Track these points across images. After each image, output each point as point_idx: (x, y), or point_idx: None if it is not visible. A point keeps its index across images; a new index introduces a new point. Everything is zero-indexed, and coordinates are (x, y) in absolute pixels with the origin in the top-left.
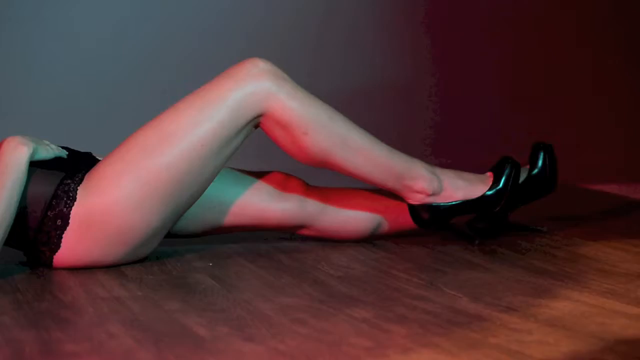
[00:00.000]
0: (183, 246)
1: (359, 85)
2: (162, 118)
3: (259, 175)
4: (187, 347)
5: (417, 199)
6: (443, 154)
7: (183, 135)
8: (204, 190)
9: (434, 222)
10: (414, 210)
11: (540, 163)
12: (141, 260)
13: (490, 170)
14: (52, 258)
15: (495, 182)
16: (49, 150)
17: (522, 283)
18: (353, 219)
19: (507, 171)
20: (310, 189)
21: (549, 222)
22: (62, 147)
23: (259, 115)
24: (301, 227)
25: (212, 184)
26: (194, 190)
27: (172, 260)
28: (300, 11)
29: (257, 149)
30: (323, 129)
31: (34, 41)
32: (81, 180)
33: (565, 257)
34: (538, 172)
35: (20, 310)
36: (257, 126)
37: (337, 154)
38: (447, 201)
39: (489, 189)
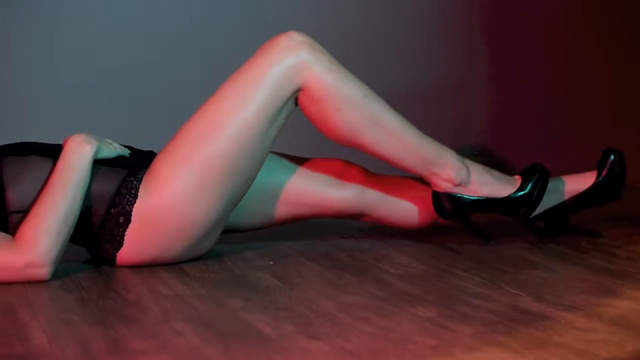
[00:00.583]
0: (243, 244)
1: (414, 84)
2: (206, 108)
3: (318, 162)
4: (253, 345)
5: (442, 187)
6: (498, 153)
7: (228, 122)
8: (257, 174)
9: (454, 213)
10: (438, 198)
11: (608, 170)
12: (202, 259)
13: (520, 174)
14: (115, 255)
15: (522, 186)
16: (112, 149)
17: (584, 282)
18: (412, 210)
19: (535, 178)
20: (370, 178)
21: (610, 221)
22: (124, 146)
23: (298, 90)
24: (360, 215)
25: (269, 173)
26: (248, 176)
27: (233, 258)
28: (356, 10)
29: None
30: (356, 107)
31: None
32: (142, 178)
33: (626, 256)
34: (605, 179)
35: (85, 307)
36: (297, 103)
37: (368, 133)
38: (472, 195)
39: (515, 192)
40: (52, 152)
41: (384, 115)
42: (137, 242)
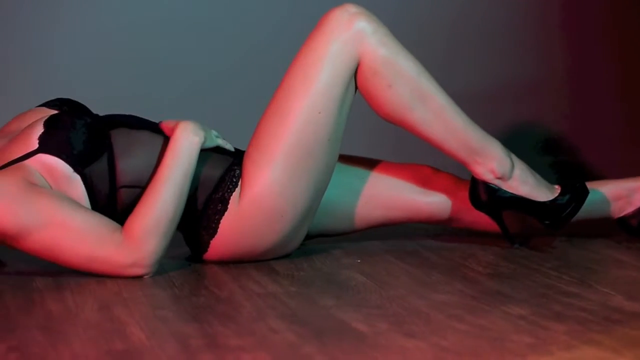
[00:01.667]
0: (329, 243)
1: (491, 83)
2: (275, 99)
3: (407, 168)
4: (350, 343)
5: (483, 177)
6: (575, 151)
7: (298, 109)
8: (337, 157)
9: (489, 205)
10: (475, 186)
11: None
12: (290, 257)
13: (560, 184)
14: (209, 243)
15: (560, 197)
16: (213, 139)
17: None
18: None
19: (574, 193)
20: (459, 184)
21: None
22: None
23: (357, 64)
24: (450, 221)
25: (361, 178)
26: (328, 159)
27: (320, 257)
28: (432, 9)
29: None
30: (408, 84)
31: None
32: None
33: None
34: None
35: (179, 304)
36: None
37: (416, 113)
38: (511, 191)
39: (552, 200)
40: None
41: (434, 95)
42: (230, 232)
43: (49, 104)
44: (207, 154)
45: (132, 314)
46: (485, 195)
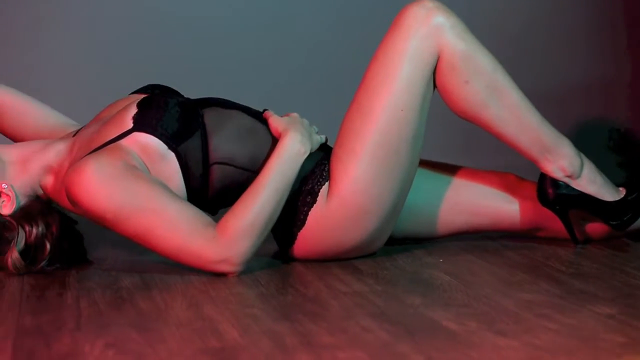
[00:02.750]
0: (409, 243)
1: (561, 82)
2: (357, 97)
3: (492, 175)
4: (442, 341)
5: (552, 174)
6: None
7: (381, 108)
8: (420, 154)
9: (556, 202)
10: (543, 183)
11: None
12: (372, 256)
13: (624, 186)
14: (297, 235)
15: (626, 197)
16: (316, 141)
17: None
18: (590, 223)
19: (638, 196)
20: None
21: None
22: None
23: (437, 59)
24: (537, 229)
25: (447, 184)
26: (412, 156)
27: (402, 256)
28: (502, 10)
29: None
30: (484, 80)
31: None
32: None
33: None
34: None
35: (267, 303)
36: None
37: (491, 110)
38: (579, 189)
39: (618, 200)
40: (257, 115)
41: (509, 91)
42: (317, 226)
43: (139, 91)
44: None
45: (222, 312)
46: (553, 192)
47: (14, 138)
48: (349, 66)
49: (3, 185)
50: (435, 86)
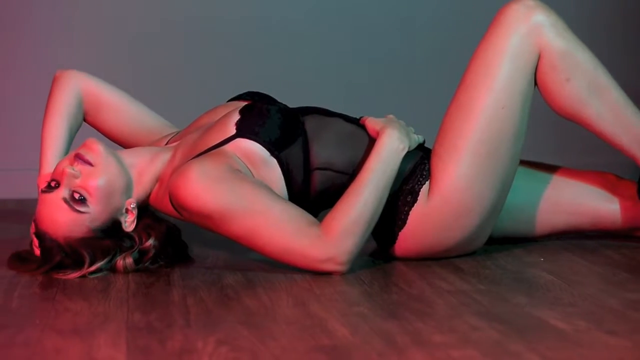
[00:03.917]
0: (509, 242)
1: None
2: (457, 95)
3: (593, 174)
4: (553, 340)
5: None
6: None
7: (481, 105)
8: (520, 152)
9: None
10: None
11: None
12: (472, 255)
13: None
14: (397, 234)
15: None
16: (414, 140)
17: None
18: None
19: None
20: None
21: None
22: None
23: (538, 57)
24: (636, 229)
25: (548, 183)
26: (513, 154)
27: (502, 255)
28: (594, 10)
29: None
30: (585, 78)
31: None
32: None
33: None
34: None
35: (372, 301)
36: None
37: (592, 107)
38: None
39: None
40: (355, 122)
41: (609, 90)
42: (418, 225)
43: (238, 98)
44: None
45: (329, 310)
46: None
47: (109, 135)
48: (445, 66)
49: (132, 204)
50: (535, 84)
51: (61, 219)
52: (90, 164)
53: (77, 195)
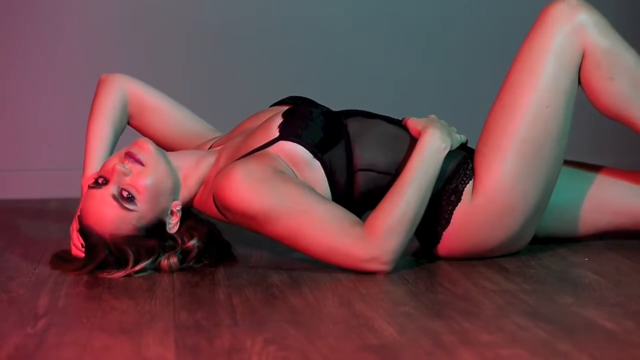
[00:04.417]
0: (553, 242)
1: None
2: (501, 96)
3: (635, 174)
4: (602, 340)
5: None
6: None
7: (526, 104)
8: (564, 151)
9: None
10: None
11: None
12: (516, 255)
13: None
14: (441, 234)
15: None
16: (456, 140)
17: None
18: None
19: None
20: None
21: None
22: None
23: (582, 56)
24: None
25: (591, 183)
26: (557, 153)
27: (547, 255)
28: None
29: None
30: (629, 76)
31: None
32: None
33: None
34: None
35: (418, 301)
36: None
37: (636, 106)
38: None
39: None
40: (398, 123)
41: None
42: (462, 224)
43: (281, 102)
44: None
45: (375, 309)
46: None
47: (152, 138)
48: (489, 65)
49: (177, 207)
50: (579, 83)
51: (109, 215)
52: (141, 163)
53: (125, 193)
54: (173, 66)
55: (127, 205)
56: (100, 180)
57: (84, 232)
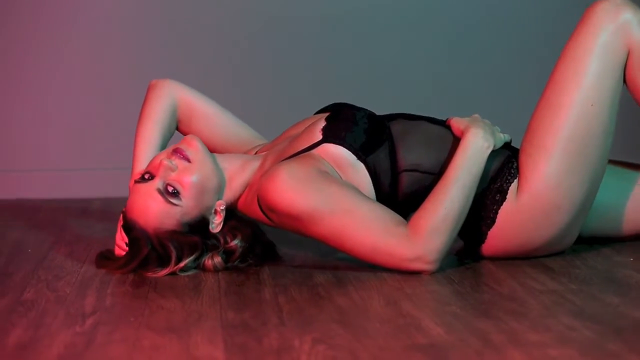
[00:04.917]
0: (596, 242)
1: None
2: (546, 93)
3: None
4: None
5: None
6: None
7: (570, 103)
8: (609, 150)
9: None
10: None
11: None
12: (561, 255)
13: None
14: (486, 233)
15: None
16: (499, 139)
17: None
18: None
19: None
20: None
21: None
22: None
23: (627, 55)
24: None
25: (635, 183)
26: (602, 152)
27: (592, 255)
28: None
29: None
30: None
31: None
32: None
33: None
34: None
35: (464, 300)
36: None
37: None
38: None
39: None
40: (441, 123)
41: None
42: (507, 223)
43: (325, 110)
44: None
45: (422, 309)
46: None
47: None
48: (533, 65)
49: (222, 206)
50: (624, 82)
51: (153, 208)
52: (188, 160)
53: (170, 188)
54: (220, 73)
55: (171, 200)
56: (146, 176)
57: (128, 226)
